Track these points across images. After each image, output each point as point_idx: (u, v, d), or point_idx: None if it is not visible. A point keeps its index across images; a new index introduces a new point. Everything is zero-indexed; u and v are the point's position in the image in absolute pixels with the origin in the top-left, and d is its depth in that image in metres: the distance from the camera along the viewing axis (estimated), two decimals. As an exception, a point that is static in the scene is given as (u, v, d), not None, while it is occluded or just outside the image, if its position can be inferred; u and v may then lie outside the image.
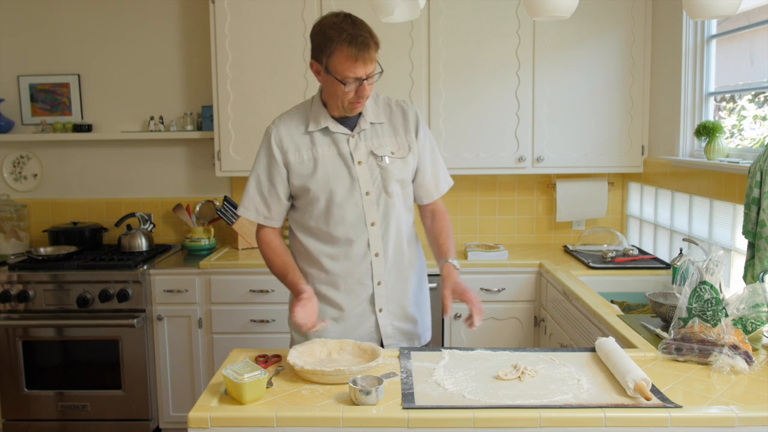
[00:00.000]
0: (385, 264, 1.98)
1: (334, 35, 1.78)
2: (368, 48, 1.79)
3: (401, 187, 1.99)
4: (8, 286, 3.17)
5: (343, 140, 1.94)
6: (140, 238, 3.52)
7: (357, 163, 1.93)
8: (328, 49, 1.80)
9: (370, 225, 1.94)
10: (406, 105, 2.05)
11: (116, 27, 3.68)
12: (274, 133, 1.97)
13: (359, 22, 1.83)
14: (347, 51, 1.78)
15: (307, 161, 1.93)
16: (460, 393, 1.53)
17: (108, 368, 3.20)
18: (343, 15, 1.83)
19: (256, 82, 3.35)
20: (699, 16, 1.77)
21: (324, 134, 1.95)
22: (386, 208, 1.96)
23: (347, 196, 1.92)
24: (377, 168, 1.94)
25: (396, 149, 1.97)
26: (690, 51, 2.93)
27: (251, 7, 3.30)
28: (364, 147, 1.95)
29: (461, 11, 3.28)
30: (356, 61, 1.79)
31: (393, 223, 1.97)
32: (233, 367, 1.52)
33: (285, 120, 2.00)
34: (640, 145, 3.38)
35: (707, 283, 1.76)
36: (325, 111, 1.95)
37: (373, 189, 1.94)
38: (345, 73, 1.80)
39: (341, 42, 1.77)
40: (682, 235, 2.91)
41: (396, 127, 2.00)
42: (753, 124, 2.75)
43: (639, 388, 1.48)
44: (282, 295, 3.19)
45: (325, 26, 1.82)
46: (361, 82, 1.83)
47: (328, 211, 1.93)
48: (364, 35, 1.79)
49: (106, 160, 3.79)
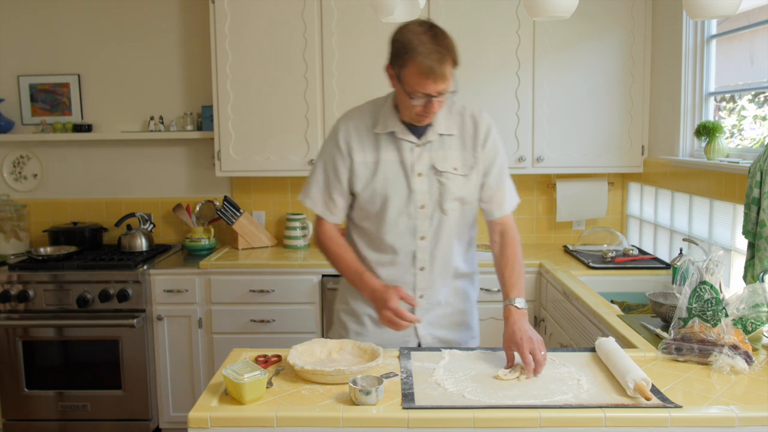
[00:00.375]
0: (429, 278, 1.94)
1: (412, 46, 1.71)
2: (443, 67, 1.71)
3: (460, 204, 1.91)
4: (8, 286, 3.17)
5: (408, 148, 1.87)
6: (140, 238, 3.52)
7: (417, 174, 1.87)
8: (402, 59, 1.74)
9: (420, 239, 1.90)
10: (479, 117, 1.94)
11: (116, 27, 3.68)
12: (342, 129, 1.92)
13: (441, 35, 1.73)
14: (421, 66, 1.70)
15: (370, 163, 1.88)
16: (460, 393, 1.53)
17: (108, 368, 3.20)
18: (428, 26, 1.75)
19: (256, 82, 3.35)
20: (699, 16, 1.77)
21: (390, 138, 1.89)
22: (439, 224, 1.90)
23: (402, 206, 1.87)
24: (436, 183, 1.88)
25: (460, 165, 1.89)
26: (690, 51, 2.93)
27: (251, 7, 3.30)
28: (428, 159, 1.87)
29: (461, 11, 3.28)
30: (428, 78, 1.71)
31: (444, 238, 1.91)
32: (233, 367, 1.52)
33: (355, 116, 1.94)
34: (640, 145, 3.38)
35: (707, 283, 1.76)
36: (396, 115, 1.89)
37: (429, 203, 1.88)
38: (415, 87, 1.74)
39: (417, 55, 1.70)
40: (682, 235, 2.91)
41: (465, 140, 1.91)
42: (753, 124, 2.75)
43: (639, 388, 1.48)
44: (282, 295, 3.19)
45: (406, 34, 1.74)
46: (430, 99, 1.75)
47: (381, 216, 1.89)
48: (441, 52, 1.70)
49: (106, 160, 3.79)
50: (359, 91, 3.34)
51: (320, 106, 3.36)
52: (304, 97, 3.35)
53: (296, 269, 3.21)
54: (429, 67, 1.69)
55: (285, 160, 3.40)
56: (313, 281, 3.19)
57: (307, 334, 3.18)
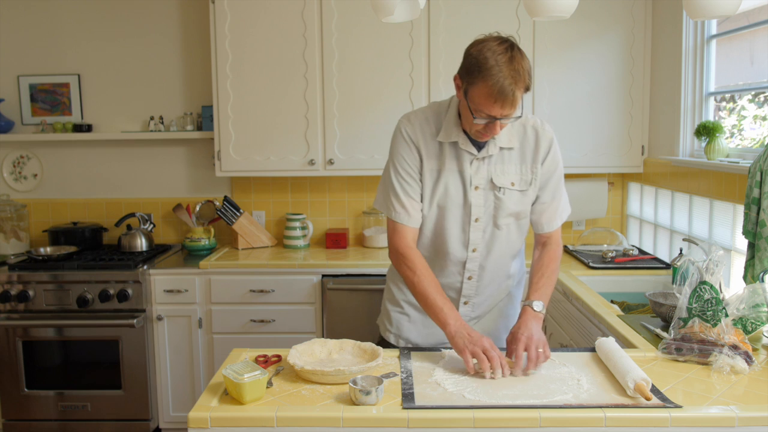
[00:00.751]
0: (477, 286, 1.95)
1: (487, 66, 1.64)
2: (513, 92, 1.64)
3: (516, 219, 1.91)
4: (8, 286, 3.17)
5: (467, 159, 1.84)
6: (140, 238, 3.52)
7: (474, 187, 1.85)
8: (473, 76, 1.68)
9: (472, 251, 1.90)
10: (541, 130, 1.89)
11: (116, 27, 3.68)
12: (409, 130, 1.86)
13: (518, 59, 1.66)
14: (491, 89, 1.64)
15: (434, 171, 1.86)
16: (460, 393, 1.53)
17: (108, 368, 3.20)
18: (507, 45, 1.67)
19: (256, 82, 3.35)
20: (699, 16, 1.77)
21: (452, 147, 1.85)
22: (492, 237, 1.90)
23: (457, 217, 1.87)
24: (492, 197, 1.86)
25: (518, 180, 1.87)
26: (690, 51, 2.93)
27: (251, 7, 3.30)
28: (486, 172, 1.85)
29: (461, 11, 3.28)
30: (495, 102, 1.65)
31: (496, 250, 1.92)
32: (233, 367, 1.52)
33: (419, 118, 1.88)
34: (640, 145, 3.38)
35: (707, 283, 1.76)
36: (459, 124, 1.84)
37: (484, 217, 1.87)
38: (480, 107, 1.69)
39: (489, 77, 1.64)
40: (682, 235, 2.91)
41: (525, 154, 1.88)
42: (753, 124, 2.75)
43: (639, 388, 1.48)
44: (282, 295, 3.20)
45: (484, 51, 1.67)
46: (493, 120, 1.71)
47: (436, 224, 1.89)
48: (515, 77, 1.64)
49: (106, 160, 3.79)
50: (359, 91, 3.35)
51: (320, 106, 3.36)
52: (304, 97, 3.35)
53: (296, 269, 3.21)
54: (499, 91, 1.64)
55: (285, 160, 3.40)
56: (313, 281, 3.19)
57: (307, 334, 3.18)
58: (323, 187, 3.75)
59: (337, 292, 3.16)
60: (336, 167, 3.39)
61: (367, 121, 3.36)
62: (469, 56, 1.71)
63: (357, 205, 3.75)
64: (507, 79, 1.63)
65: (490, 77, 1.63)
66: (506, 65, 1.64)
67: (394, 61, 3.31)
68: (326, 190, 3.75)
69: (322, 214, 3.76)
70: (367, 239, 3.60)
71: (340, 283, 3.16)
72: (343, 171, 3.41)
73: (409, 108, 3.33)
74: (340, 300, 3.17)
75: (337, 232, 3.60)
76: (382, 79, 3.35)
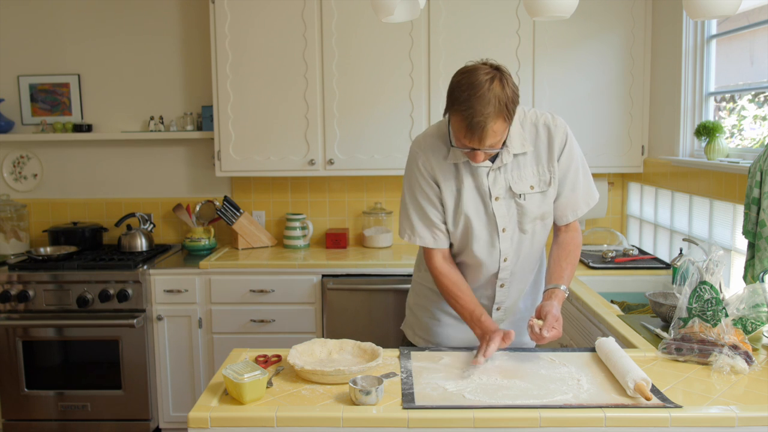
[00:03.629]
0: (508, 292, 1.97)
1: (460, 98, 1.63)
2: (484, 127, 1.62)
3: (541, 220, 1.90)
4: (8, 286, 3.16)
5: (483, 173, 1.83)
6: (140, 238, 3.52)
7: (494, 198, 1.84)
8: (449, 108, 1.69)
9: (503, 260, 1.91)
10: (553, 126, 1.86)
11: (116, 27, 3.68)
12: (421, 158, 1.86)
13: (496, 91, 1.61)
14: (460, 121, 1.65)
15: (453, 191, 1.85)
16: (460, 393, 1.53)
17: (108, 368, 3.20)
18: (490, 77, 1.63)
19: (256, 82, 3.35)
20: (699, 16, 1.77)
21: (466, 165, 1.83)
22: (520, 243, 1.90)
23: (483, 232, 1.86)
24: (514, 205, 1.85)
25: (536, 182, 1.85)
26: (690, 51, 2.93)
27: (251, 7, 3.30)
28: (503, 181, 1.83)
29: (461, 11, 3.28)
30: (468, 134, 1.65)
31: (524, 254, 1.93)
32: (233, 367, 1.52)
33: (429, 144, 1.86)
34: (640, 145, 3.38)
35: (707, 283, 1.76)
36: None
37: (510, 226, 1.87)
38: (458, 137, 1.69)
39: (462, 110, 1.63)
40: (682, 235, 2.91)
41: (540, 154, 1.85)
42: (753, 124, 2.75)
43: (639, 388, 1.48)
44: (282, 295, 3.20)
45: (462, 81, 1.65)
46: (473, 150, 1.70)
47: (465, 242, 1.89)
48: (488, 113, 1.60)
49: (106, 160, 3.79)
50: (359, 91, 3.35)
51: (320, 106, 3.36)
52: (304, 97, 3.35)
53: (296, 269, 3.21)
54: (469, 125, 1.62)
55: (285, 160, 3.40)
56: (313, 281, 3.19)
57: (307, 334, 3.18)
58: (323, 187, 3.75)
59: (337, 292, 3.16)
60: (336, 167, 3.39)
61: (367, 121, 3.36)
62: (451, 85, 1.70)
63: (357, 205, 3.75)
64: (478, 115, 1.60)
65: (464, 110, 1.62)
66: (478, 100, 1.60)
67: (394, 61, 3.31)
68: (326, 190, 3.75)
69: (322, 214, 3.76)
70: (367, 239, 3.60)
71: (340, 283, 3.16)
72: (343, 171, 3.41)
73: (408, 108, 3.33)
74: (340, 300, 3.17)
75: (337, 232, 3.61)
76: (382, 79, 3.34)
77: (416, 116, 3.34)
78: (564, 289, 1.83)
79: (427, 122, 3.34)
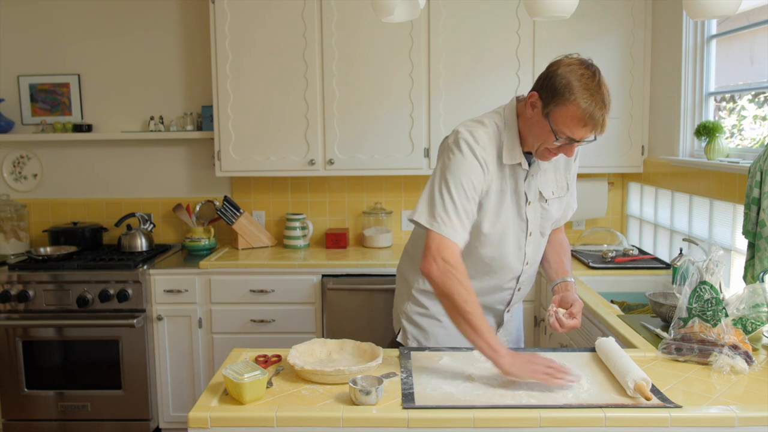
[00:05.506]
0: (520, 295, 2.01)
1: (577, 89, 1.62)
2: (603, 119, 1.63)
3: (553, 226, 1.97)
4: (8, 286, 3.17)
5: (522, 177, 1.84)
6: (140, 238, 3.52)
7: (528, 203, 1.86)
8: (562, 98, 1.64)
9: (525, 264, 1.93)
10: None
11: (116, 27, 3.68)
12: (480, 151, 1.76)
13: (605, 85, 1.65)
14: (583, 112, 1.62)
15: (498, 192, 1.82)
16: (460, 393, 1.53)
17: (108, 368, 3.20)
18: (594, 70, 1.65)
19: (256, 82, 3.35)
20: (699, 16, 1.77)
21: (511, 167, 1.82)
22: (538, 247, 1.95)
23: (514, 235, 1.87)
24: (540, 209, 1.89)
25: (556, 188, 1.91)
26: (690, 51, 2.93)
27: (251, 7, 3.30)
28: (535, 186, 1.87)
29: (461, 11, 3.28)
30: (585, 126, 1.63)
31: (538, 258, 1.98)
32: (233, 367, 1.52)
33: (485, 140, 1.78)
34: (640, 145, 3.38)
35: (707, 283, 1.76)
36: (520, 144, 1.80)
37: (535, 230, 1.90)
38: (564, 129, 1.66)
39: (582, 100, 1.61)
40: (682, 235, 2.91)
41: (558, 161, 1.90)
42: (753, 124, 2.75)
43: (639, 388, 1.48)
44: (282, 295, 3.20)
45: (570, 72, 1.65)
46: (572, 142, 1.69)
47: (499, 245, 1.87)
48: (606, 102, 1.63)
49: (106, 160, 3.79)
50: (359, 91, 3.35)
51: (320, 106, 3.36)
52: (304, 97, 3.35)
53: (296, 269, 3.21)
54: (591, 115, 1.62)
55: (285, 160, 3.40)
56: (313, 281, 3.19)
57: (307, 334, 3.18)
58: (323, 187, 3.75)
59: (337, 292, 3.16)
60: (336, 167, 3.39)
61: (367, 121, 3.36)
62: (557, 76, 1.66)
63: (357, 205, 3.75)
64: (598, 104, 1.62)
65: (583, 101, 1.62)
66: (597, 90, 1.62)
67: (394, 61, 3.31)
68: (326, 190, 3.75)
69: (322, 214, 3.76)
70: (367, 239, 3.60)
71: (340, 283, 3.16)
72: (343, 171, 3.41)
73: (408, 108, 3.33)
74: (340, 300, 3.17)
75: (337, 232, 3.60)
76: (382, 79, 3.34)
77: (416, 116, 3.34)
78: (573, 281, 1.94)
79: (427, 122, 3.34)
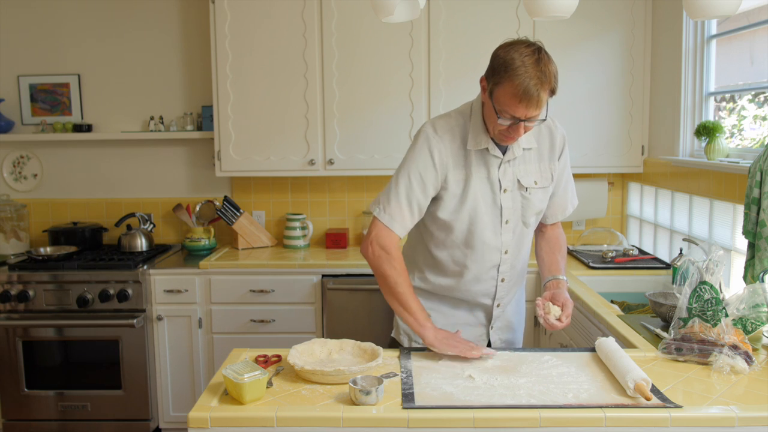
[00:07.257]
0: (507, 287, 2.00)
1: (514, 66, 1.65)
2: (538, 93, 1.64)
3: (538, 216, 1.97)
4: (8, 286, 3.16)
5: (495, 164, 1.86)
6: (140, 238, 3.52)
7: (503, 190, 1.87)
8: (500, 76, 1.68)
9: (504, 253, 1.93)
10: (554, 128, 1.96)
11: (116, 27, 3.68)
12: (436, 145, 1.83)
13: (545, 61, 1.66)
14: (515, 88, 1.64)
15: (461, 180, 1.85)
16: (460, 393, 1.53)
17: (108, 368, 3.20)
18: (535, 48, 1.68)
19: (256, 82, 3.35)
20: (699, 16, 1.77)
21: (479, 154, 1.85)
22: (521, 237, 1.95)
23: (488, 223, 1.88)
24: (519, 198, 1.89)
25: (539, 178, 1.91)
26: (690, 51, 2.93)
27: (251, 7, 3.30)
28: (512, 174, 1.87)
29: (461, 11, 3.28)
30: (520, 102, 1.65)
31: (524, 249, 1.99)
32: (233, 367, 1.52)
33: (445, 130, 1.86)
34: (640, 145, 3.38)
35: (707, 283, 1.76)
36: (486, 130, 1.84)
37: (513, 218, 1.90)
38: (504, 107, 1.69)
39: (516, 77, 1.64)
40: (682, 235, 2.91)
41: (542, 152, 1.92)
42: (753, 124, 2.75)
43: (639, 388, 1.48)
44: (282, 295, 3.20)
45: (510, 52, 1.67)
46: (517, 122, 1.71)
47: (469, 233, 1.89)
48: (541, 78, 1.64)
49: (106, 160, 3.79)
50: (359, 91, 3.35)
51: (320, 106, 3.36)
52: (304, 97, 3.35)
53: (296, 269, 3.21)
54: (524, 91, 1.64)
55: (285, 160, 3.40)
56: (313, 281, 3.19)
57: (307, 334, 3.18)
58: (323, 187, 3.75)
59: (337, 292, 3.17)
60: (336, 167, 3.39)
61: (367, 121, 3.36)
62: (497, 57, 1.71)
63: (357, 205, 3.75)
64: (532, 80, 1.64)
65: (516, 77, 1.64)
66: (533, 66, 1.64)
67: (394, 61, 3.31)
68: (326, 190, 3.75)
69: (322, 214, 3.76)
70: (367, 239, 3.59)
71: (340, 283, 3.16)
72: (343, 171, 3.41)
73: (408, 108, 3.33)
74: (340, 300, 3.17)
75: (337, 232, 3.60)
76: (382, 79, 3.34)
77: (416, 116, 3.34)
78: (565, 279, 1.95)
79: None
